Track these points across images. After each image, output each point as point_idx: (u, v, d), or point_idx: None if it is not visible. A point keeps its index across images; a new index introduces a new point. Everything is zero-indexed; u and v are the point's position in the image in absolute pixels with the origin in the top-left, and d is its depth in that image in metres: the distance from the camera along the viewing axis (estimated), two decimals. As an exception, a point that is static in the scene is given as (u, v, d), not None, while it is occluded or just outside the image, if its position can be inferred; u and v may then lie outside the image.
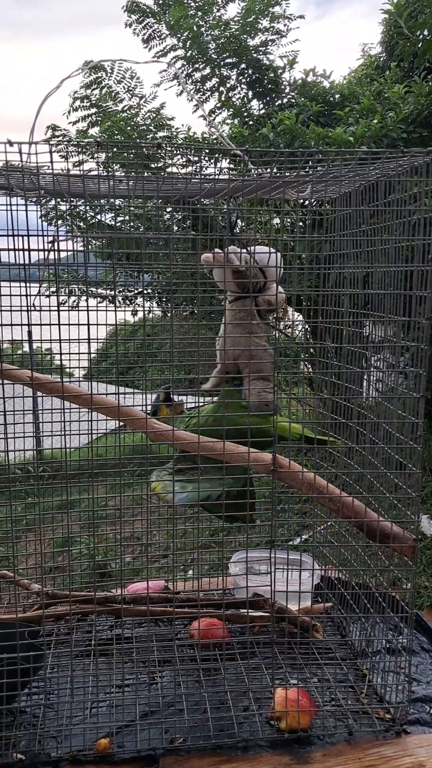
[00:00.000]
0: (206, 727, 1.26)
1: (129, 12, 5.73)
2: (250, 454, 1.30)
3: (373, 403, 1.54)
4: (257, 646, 1.53)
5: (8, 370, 1.37)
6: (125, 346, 2.21)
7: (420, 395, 1.20)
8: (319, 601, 1.71)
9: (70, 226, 3.19)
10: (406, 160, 1.19)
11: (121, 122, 5.40)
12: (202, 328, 1.75)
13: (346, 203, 1.54)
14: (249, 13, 5.28)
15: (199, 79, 5.57)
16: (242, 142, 4.52)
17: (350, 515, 1.30)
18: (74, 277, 1.74)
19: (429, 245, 1.16)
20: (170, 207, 1.78)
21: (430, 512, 4.14)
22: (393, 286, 1.30)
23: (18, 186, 1.25)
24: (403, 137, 4.24)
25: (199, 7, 5.37)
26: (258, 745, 1.24)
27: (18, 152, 1.09)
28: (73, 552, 2.48)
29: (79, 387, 1.38)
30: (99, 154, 1.26)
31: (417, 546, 1.26)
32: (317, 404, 1.88)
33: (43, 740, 1.25)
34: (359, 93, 4.87)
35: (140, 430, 1.41)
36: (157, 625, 1.67)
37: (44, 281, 1.37)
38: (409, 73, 5.05)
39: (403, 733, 1.28)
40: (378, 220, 1.38)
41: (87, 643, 1.56)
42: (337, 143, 4.07)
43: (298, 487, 1.32)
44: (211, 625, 1.54)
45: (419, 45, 4.48)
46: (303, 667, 1.46)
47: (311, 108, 4.69)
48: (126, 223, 4.12)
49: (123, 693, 1.39)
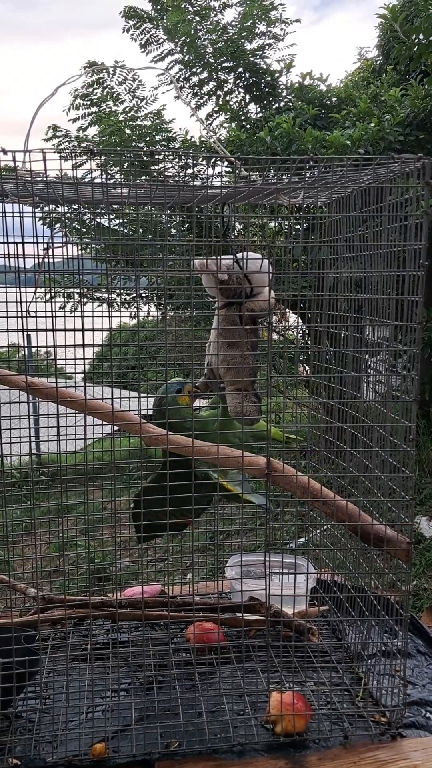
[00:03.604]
0: (202, 732, 1.27)
1: (126, 17, 5.75)
2: (244, 457, 1.30)
3: (368, 406, 1.54)
4: (253, 650, 1.53)
5: (4, 375, 1.37)
6: (121, 349, 2.22)
7: (412, 399, 1.21)
8: (315, 605, 1.71)
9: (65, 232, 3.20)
10: (398, 165, 1.20)
11: (120, 123, 5.42)
12: (197, 331, 1.76)
13: (341, 207, 1.55)
14: (246, 18, 5.30)
15: (197, 83, 5.59)
16: (239, 145, 4.53)
17: (344, 519, 1.30)
18: (71, 281, 1.75)
19: (420, 250, 1.17)
20: (166, 212, 1.78)
21: (429, 514, 4.14)
22: (386, 290, 1.31)
23: (12, 193, 1.26)
24: (400, 140, 4.26)
25: (197, 12, 5.39)
26: (253, 749, 1.24)
27: (12, 160, 1.10)
28: (70, 556, 2.48)
29: (75, 391, 1.38)
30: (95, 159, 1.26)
31: (411, 549, 1.27)
32: (314, 407, 1.89)
33: (39, 745, 1.25)
34: (356, 96, 4.89)
35: (135, 435, 1.41)
36: (153, 629, 1.67)
37: (39, 286, 1.38)
38: (405, 76, 5.07)
39: (398, 736, 1.28)
40: (371, 224, 1.38)
41: (83, 648, 1.57)
42: (335, 146, 4.08)
43: (293, 490, 1.32)
44: (207, 629, 1.54)
45: (415, 49, 4.50)
46: (299, 671, 1.46)
47: (308, 111, 4.71)
48: (124, 226, 4.13)
49: (119, 697, 1.40)
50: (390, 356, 1.42)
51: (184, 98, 5.49)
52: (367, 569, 1.46)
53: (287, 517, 2.68)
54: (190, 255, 1.44)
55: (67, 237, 1.34)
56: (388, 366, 1.41)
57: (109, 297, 1.37)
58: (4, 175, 1.17)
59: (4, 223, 1.25)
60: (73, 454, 1.76)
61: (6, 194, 1.28)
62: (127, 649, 1.56)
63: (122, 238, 2.89)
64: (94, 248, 1.79)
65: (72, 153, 1.19)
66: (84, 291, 2.67)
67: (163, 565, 1.78)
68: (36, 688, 1.41)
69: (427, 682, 1.46)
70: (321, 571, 1.79)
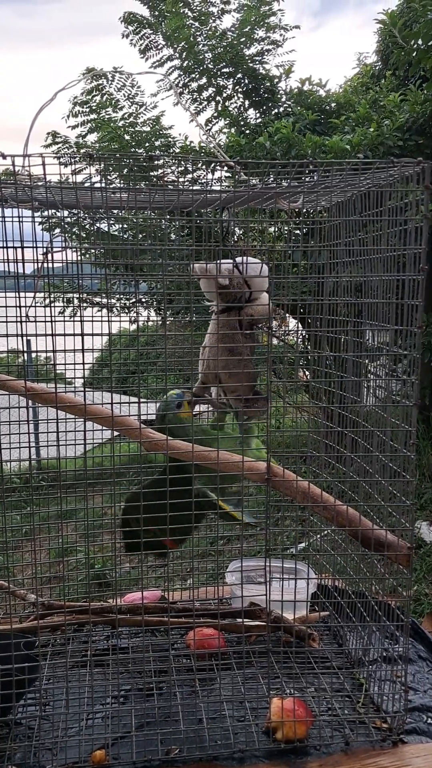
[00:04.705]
0: (202, 738, 1.26)
1: (126, 23, 5.77)
2: (244, 463, 1.30)
3: (368, 411, 1.54)
4: (253, 656, 1.53)
5: (4, 380, 1.37)
6: (121, 354, 2.21)
7: (412, 404, 1.20)
8: (316, 610, 1.70)
9: (64, 237, 3.20)
10: (397, 169, 1.20)
11: (119, 129, 5.43)
12: (197, 336, 1.76)
13: (341, 211, 1.55)
14: (245, 24, 5.32)
15: (196, 89, 5.60)
16: (239, 151, 4.54)
17: (345, 523, 1.30)
18: (71, 286, 1.75)
19: (420, 254, 1.17)
20: (166, 217, 1.78)
21: (430, 518, 4.14)
22: (386, 294, 1.31)
23: (11, 197, 1.26)
24: (399, 145, 4.27)
25: (196, 17, 5.41)
26: (254, 756, 1.23)
27: (12, 165, 1.10)
28: (70, 562, 2.48)
29: (74, 396, 1.38)
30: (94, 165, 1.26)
31: (411, 554, 1.26)
32: (315, 412, 1.89)
33: (39, 752, 1.24)
34: (355, 102, 4.90)
35: (135, 440, 1.41)
36: (154, 635, 1.66)
37: (39, 292, 1.38)
38: (404, 81, 5.09)
39: (400, 742, 1.27)
40: (371, 229, 1.38)
41: (83, 654, 1.56)
42: (334, 151, 4.09)
43: (293, 495, 1.32)
44: (208, 635, 1.54)
45: (414, 54, 4.51)
46: (299, 677, 1.45)
47: (307, 117, 4.72)
48: (124, 231, 4.14)
49: (119, 704, 1.39)
50: (390, 361, 1.42)
51: (183, 104, 5.51)
52: (367, 574, 1.46)
53: (287, 522, 2.68)
54: (190, 260, 1.44)
55: (66, 242, 1.34)
56: (388, 370, 1.41)
57: (108, 302, 1.36)
58: (3, 179, 1.17)
59: (4, 227, 1.25)
60: (72, 460, 1.76)
61: (5, 199, 1.28)
62: (127, 655, 1.56)
63: (122, 242, 2.90)
64: (93, 253, 1.79)
65: (71, 158, 1.19)
66: (83, 296, 2.67)
67: (163, 571, 1.78)
68: (35, 694, 1.41)
69: (429, 688, 1.45)
70: (321, 576, 1.78)
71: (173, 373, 2.04)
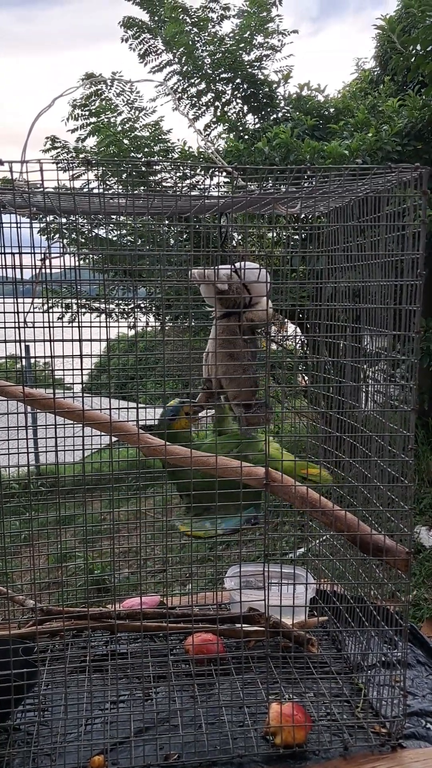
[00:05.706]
0: (201, 743, 1.26)
1: (125, 27, 5.79)
2: (242, 468, 1.30)
3: (367, 416, 1.54)
4: (252, 661, 1.53)
5: (2, 386, 1.37)
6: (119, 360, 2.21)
7: (411, 408, 1.21)
8: (315, 615, 1.70)
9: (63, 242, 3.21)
10: (395, 175, 1.20)
11: (118, 133, 5.44)
12: (196, 341, 1.76)
13: (339, 217, 1.55)
14: (244, 29, 5.33)
15: (195, 94, 5.61)
16: (238, 156, 4.55)
17: (343, 529, 1.30)
18: (69, 292, 1.75)
19: (418, 259, 1.17)
20: (164, 222, 1.79)
21: (428, 523, 4.14)
22: (384, 299, 1.31)
23: (9, 203, 1.26)
24: (398, 150, 4.28)
25: (195, 23, 5.42)
26: (253, 761, 1.23)
27: (9, 171, 1.10)
28: (69, 567, 2.47)
29: (73, 402, 1.38)
30: (93, 171, 1.27)
31: (410, 559, 1.26)
32: (313, 417, 1.89)
33: (38, 758, 1.24)
34: (354, 107, 4.91)
35: (134, 445, 1.41)
36: (152, 641, 1.66)
37: (37, 297, 1.38)
38: (402, 86, 5.10)
39: (398, 747, 1.27)
40: (369, 234, 1.39)
41: (81, 660, 1.56)
42: (332, 156, 4.10)
43: (291, 500, 1.32)
44: (206, 641, 1.54)
45: (412, 59, 4.52)
46: (298, 682, 1.45)
47: (306, 122, 4.73)
48: (123, 237, 4.14)
49: (117, 709, 1.39)
50: (388, 366, 1.42)
51: (182, 110, 5.52)
52: (366, 579, 1.46)
53: (286, 528, 2.68)
54: (189, 265, 1.44)
55: (64, 247, 1.34)
56: (386, 376, 1.41)
57: (107, 307, 1.37)
58: (1, 186, 1.17)
59: (2, 233, 1.25)
60: (71, 465, 1.76)
61: (3, 205, 1.28)
62: (126, 660, 1.56)
63: (120, 248, 2.91)
64: (92, 258, 1.79)
65: (69, 163, 1.19)
66: (82, 301, 2.68)
67: (162, 576, 1.78)
68: (34, 700, 1.40)
69: (427, 693, 1.45)
70: (320, 581, 1.78)
71: (172, 379, 2.04)
